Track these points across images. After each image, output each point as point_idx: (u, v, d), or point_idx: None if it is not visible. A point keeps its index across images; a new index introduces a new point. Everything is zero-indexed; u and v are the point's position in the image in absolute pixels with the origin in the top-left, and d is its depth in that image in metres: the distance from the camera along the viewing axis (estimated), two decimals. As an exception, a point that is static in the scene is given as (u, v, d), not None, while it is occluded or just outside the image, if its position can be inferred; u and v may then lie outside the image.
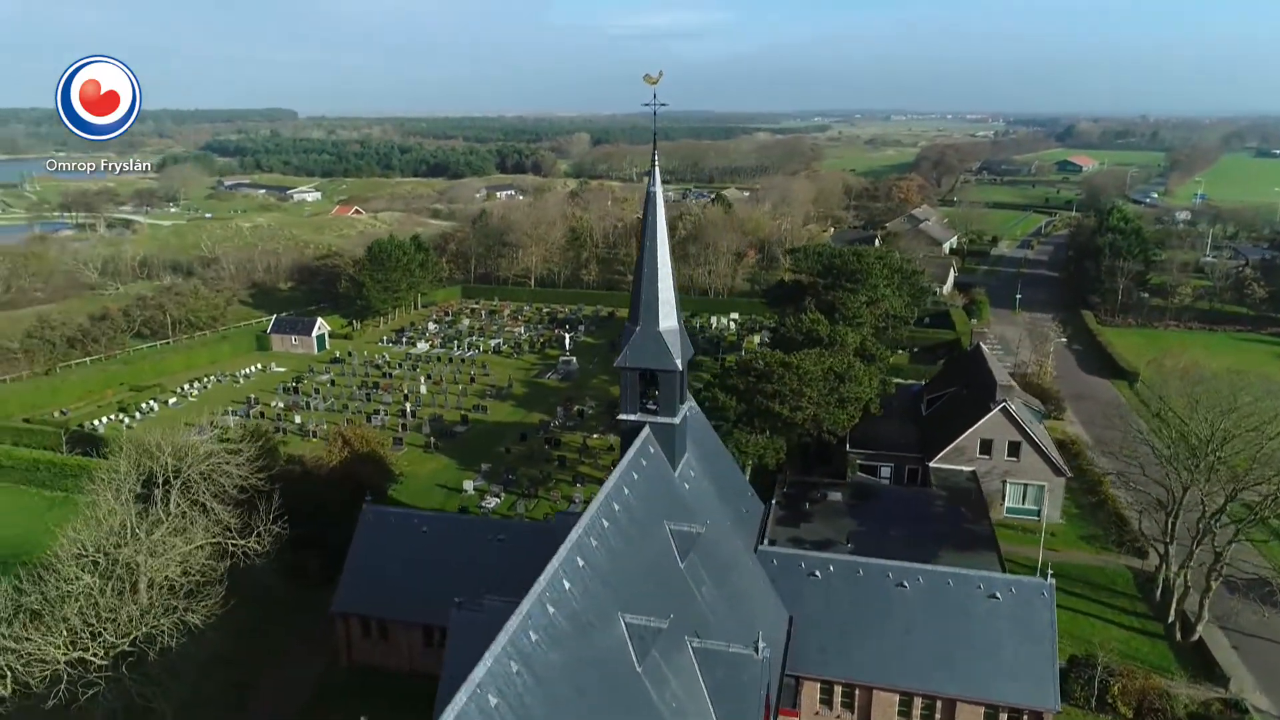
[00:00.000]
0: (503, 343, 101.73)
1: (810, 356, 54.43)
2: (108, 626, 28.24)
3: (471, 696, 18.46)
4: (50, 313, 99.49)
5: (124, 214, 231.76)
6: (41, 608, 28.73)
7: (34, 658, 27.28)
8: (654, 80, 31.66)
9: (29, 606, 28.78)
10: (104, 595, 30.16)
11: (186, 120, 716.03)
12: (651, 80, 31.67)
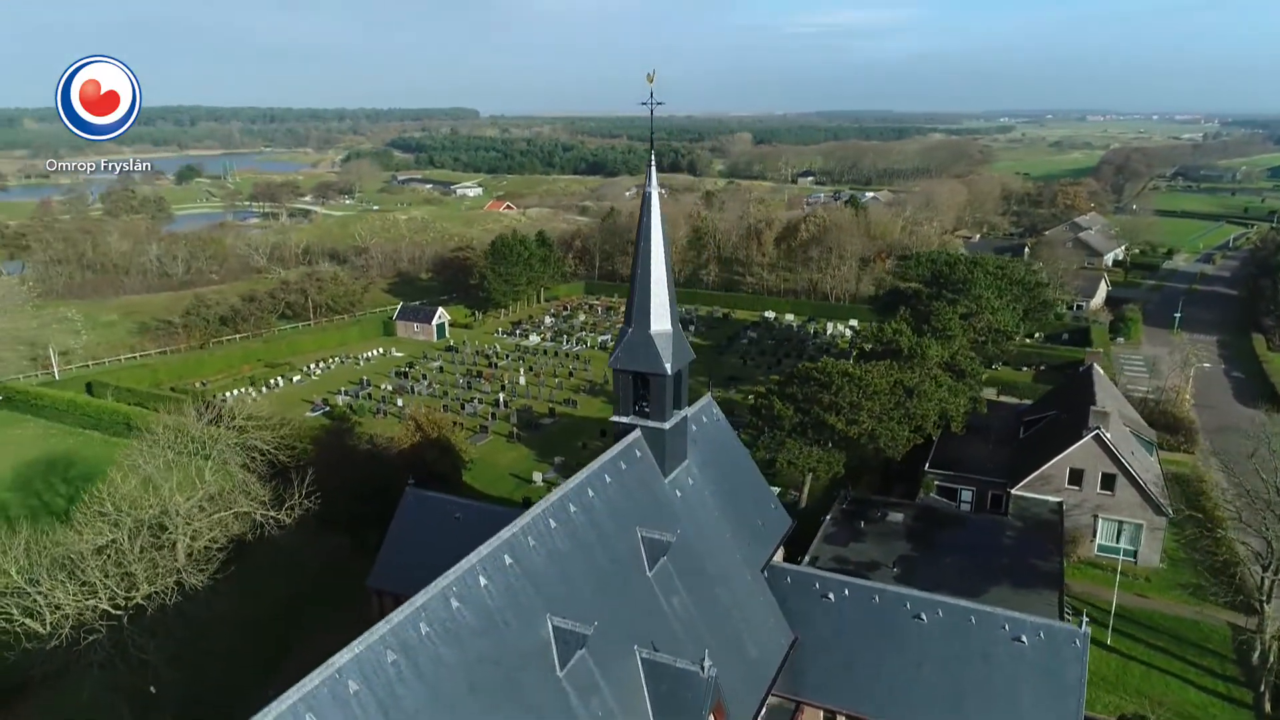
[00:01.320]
0: (610, 339, 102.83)
1: (877, 369, 51.81)
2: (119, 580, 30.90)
3: (326, 680, 18.85)
4: (207, 293, 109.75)
5: (304, 205, 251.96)
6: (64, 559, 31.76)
7: (49, 603, 30.27)
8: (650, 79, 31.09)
9: (55, 556, 31.92)
10: (130, 551, 32.93)
11: (380, 118, 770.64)
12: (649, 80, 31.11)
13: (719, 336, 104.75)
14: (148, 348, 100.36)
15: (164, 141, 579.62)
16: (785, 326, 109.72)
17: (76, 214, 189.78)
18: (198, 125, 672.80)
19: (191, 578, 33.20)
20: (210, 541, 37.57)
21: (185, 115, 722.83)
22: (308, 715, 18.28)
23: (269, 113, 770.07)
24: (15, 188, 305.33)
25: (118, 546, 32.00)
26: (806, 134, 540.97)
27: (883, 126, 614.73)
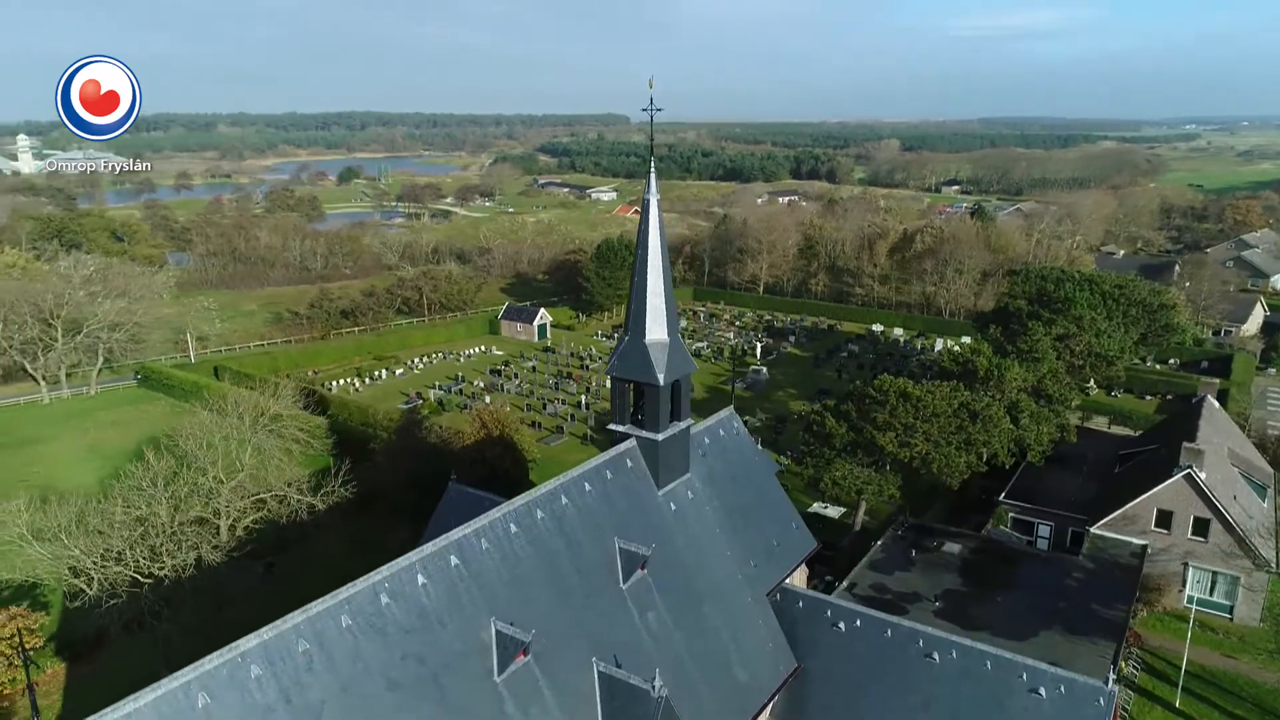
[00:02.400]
0: (706, 346, 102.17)
1: (940, 389, 48.98)
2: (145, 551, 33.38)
3: (227, 662, 19.63)
4: (332, 288, 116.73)
5: (445, 206, 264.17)
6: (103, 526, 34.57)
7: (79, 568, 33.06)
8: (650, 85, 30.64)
9: (92, 525, 34.78)
10: (168, 525, 35.49)
11: (534, 124, 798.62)
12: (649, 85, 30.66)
13: (819, 348, 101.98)
14: (276, 337, 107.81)
15: (335, 145, 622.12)
16: (891, 341, 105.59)
17: (241, 211, 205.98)
18: (366, 130, 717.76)
19: (211, 554, 35.42)
20: (252, 522, 39.83)
21: (356, 120, 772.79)
22: (201, 694, 19.09)
23: (431, 118, 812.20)
24: (200, 186, 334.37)
25: (151, 521, 34.52)
26: (961, 141, 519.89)
27: (1047, 134, 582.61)
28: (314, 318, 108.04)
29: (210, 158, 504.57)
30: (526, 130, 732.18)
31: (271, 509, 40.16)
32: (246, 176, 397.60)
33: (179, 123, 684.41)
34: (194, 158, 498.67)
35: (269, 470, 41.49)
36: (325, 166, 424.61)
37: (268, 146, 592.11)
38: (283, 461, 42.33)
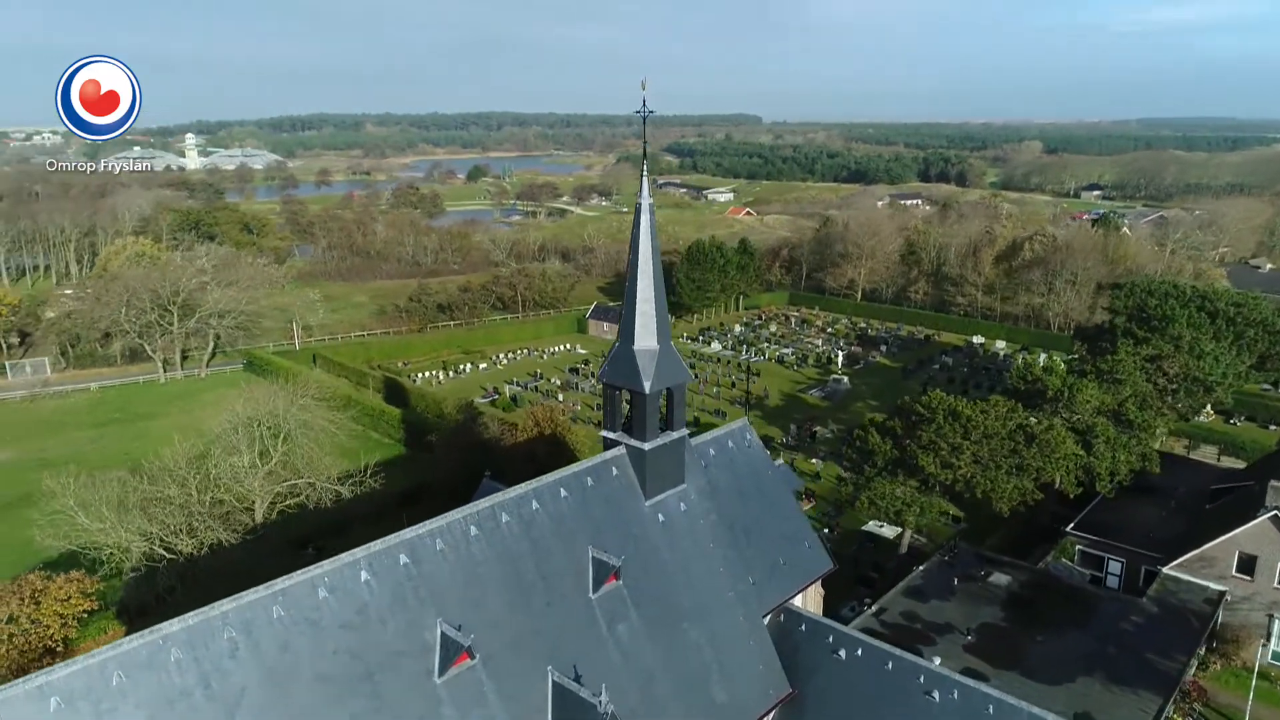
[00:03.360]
0: (791, 352, 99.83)
1: (995, 408, 45.98)
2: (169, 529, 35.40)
3: (147, 644, 20.41)
4: (431, 283, 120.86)
5: (562, 205, 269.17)
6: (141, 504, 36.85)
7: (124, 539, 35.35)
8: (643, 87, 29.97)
9: (132, 501, 37.13)
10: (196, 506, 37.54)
11: (664, 124, 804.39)
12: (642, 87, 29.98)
13: (910, 359, 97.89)
14: (376, 328, 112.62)
15: (471, 144, 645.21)
16: (990, 354, 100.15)
17: (365, 207, 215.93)
18: (502, 130, 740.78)
19: (229, 535, 37.21)
20: (286, 506, 41.58)
21: (494, 120, 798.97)
22: (116, 672, 19.93)
23: (565, 118, 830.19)
24: (339, 182, 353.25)
25: (177, 501, 36.60)
26: (1111, 143, 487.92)
27: (1214, 135, 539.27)
28: (412, 311, 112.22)
29: (355, 155, 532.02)
30: (656, 131, 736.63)
31: (305, 495, 41.79)
32: (384, 174, 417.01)
33: (331, 122, 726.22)
34: (340, 155, 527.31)
35: (298, 458, 43.25)
36: (457, 165, 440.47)
37: (408, 145, 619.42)
38: (313, 451, 44.05)
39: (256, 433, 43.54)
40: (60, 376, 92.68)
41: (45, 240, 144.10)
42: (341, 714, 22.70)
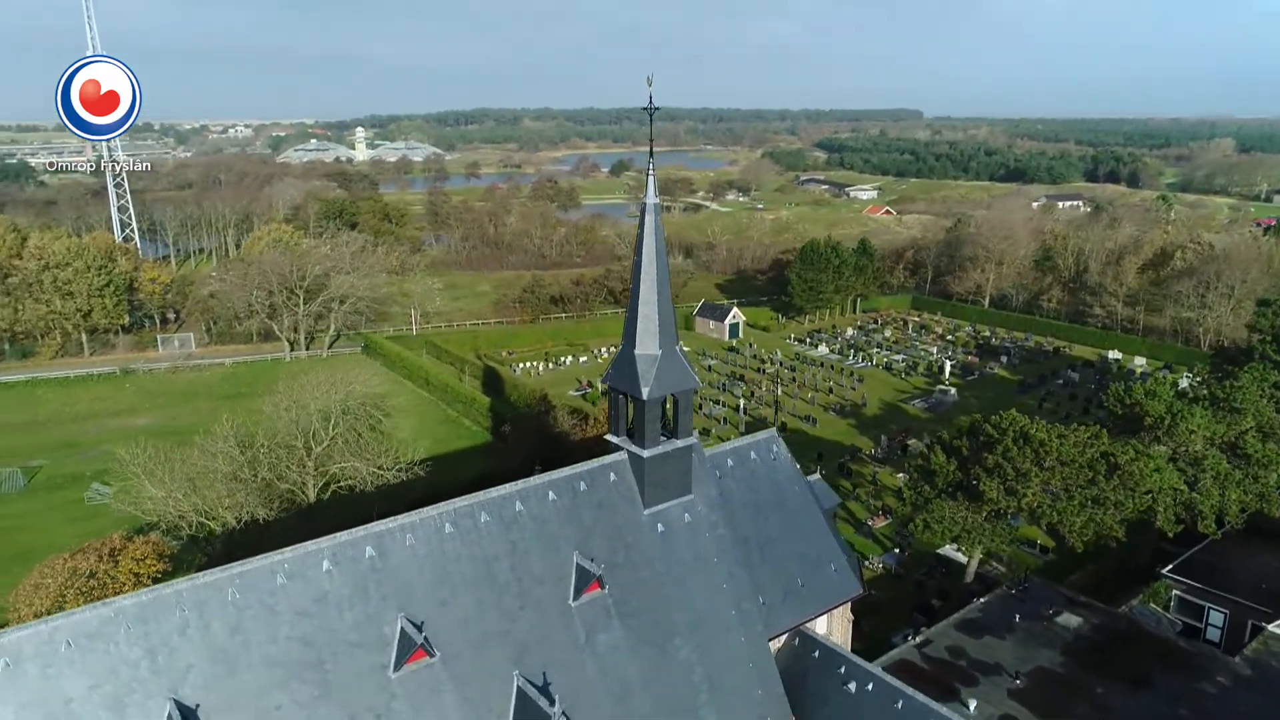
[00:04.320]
0: (902, 359, 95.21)
1: (1075, 434, 41.98)
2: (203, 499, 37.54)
3: (99, 616, 21.49)
4: (545, 275, 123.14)
5: (697, 200, 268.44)
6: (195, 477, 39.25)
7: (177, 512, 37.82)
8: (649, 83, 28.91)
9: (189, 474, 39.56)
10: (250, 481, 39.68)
11: (819, 119, 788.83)
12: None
13: (1032, 372, 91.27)
14: (491, 317, 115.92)
15: (622, 139, 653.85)
16: (1126, 371, 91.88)
17: (503, 199, 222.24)
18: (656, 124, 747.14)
19: (263, 511, 39.02)
20: (338, 489, 43.30)
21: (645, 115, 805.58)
22: (66, 639, 21.10)
23: (717, 113, 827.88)
24: (489, 174, 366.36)
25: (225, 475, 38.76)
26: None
27: None
28: (525, 302, 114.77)
29: (509, 149, 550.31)
30: (810, 126, 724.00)
31: (354, 480, 43.36)
32: (533, 167, 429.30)
33: (492, 117, 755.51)
34: (496, 149, 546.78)
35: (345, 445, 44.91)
36: (603, 159, 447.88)
37: (560, 139, 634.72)
38: (363, 438, 45.63)
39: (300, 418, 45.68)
40: (203, 351, 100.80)
41: (209, 225, 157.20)
42: (286, 699, 23.17)
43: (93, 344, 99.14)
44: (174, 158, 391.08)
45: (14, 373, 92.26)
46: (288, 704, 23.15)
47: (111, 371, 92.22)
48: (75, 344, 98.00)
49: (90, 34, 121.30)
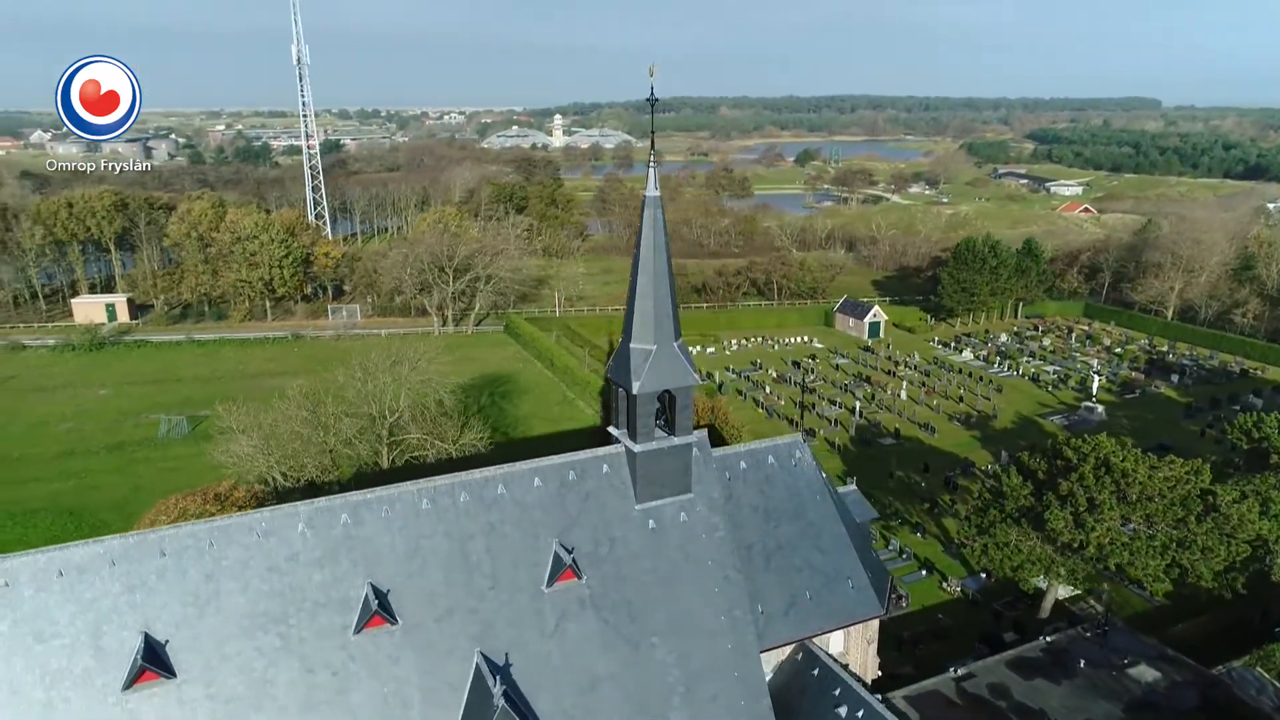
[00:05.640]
0: (1054, 371, 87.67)
1: (1170, 466, 37.42)
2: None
3: (90, 553, 24.29)
4: (688, 264, 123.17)
5: (876, 191, 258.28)
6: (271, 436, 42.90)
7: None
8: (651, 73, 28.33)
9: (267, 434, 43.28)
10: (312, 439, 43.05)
11: (1037, 108, 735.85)
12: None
13: (1204, 395, 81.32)
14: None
15: (818, 128, 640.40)
16: (1326, 401, 79.87)
17: (675, 187, 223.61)
18: (855, 113, 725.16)
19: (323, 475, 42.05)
20: (413, 458, 46.04)
21: (847, 104, 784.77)
22: (59, 568, 24.01)
23: (924, 101, 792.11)
24: (671, 162, 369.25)
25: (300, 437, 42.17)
26: None
27: None
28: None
29: (701, 137, 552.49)
30: (1025, 116, 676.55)
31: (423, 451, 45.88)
32: (719, 155, 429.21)
33: (689, 105, 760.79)
34: (688, 137, 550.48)
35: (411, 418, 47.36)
36: (792, 148, 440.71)
37: (754, 128, 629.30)
38: (430, 412, 47.91)
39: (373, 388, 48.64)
40: (366, 322, 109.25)
41: (393, 206, 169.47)
42: (248, 646, 25.16)
43: (275, 310, 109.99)
44: (390, 142, 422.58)
45: (207, 332, 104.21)
46: (249, 651, 25.13)
47: (284, 336, 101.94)
48: (260, 309, 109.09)
49: (295, 28, 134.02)
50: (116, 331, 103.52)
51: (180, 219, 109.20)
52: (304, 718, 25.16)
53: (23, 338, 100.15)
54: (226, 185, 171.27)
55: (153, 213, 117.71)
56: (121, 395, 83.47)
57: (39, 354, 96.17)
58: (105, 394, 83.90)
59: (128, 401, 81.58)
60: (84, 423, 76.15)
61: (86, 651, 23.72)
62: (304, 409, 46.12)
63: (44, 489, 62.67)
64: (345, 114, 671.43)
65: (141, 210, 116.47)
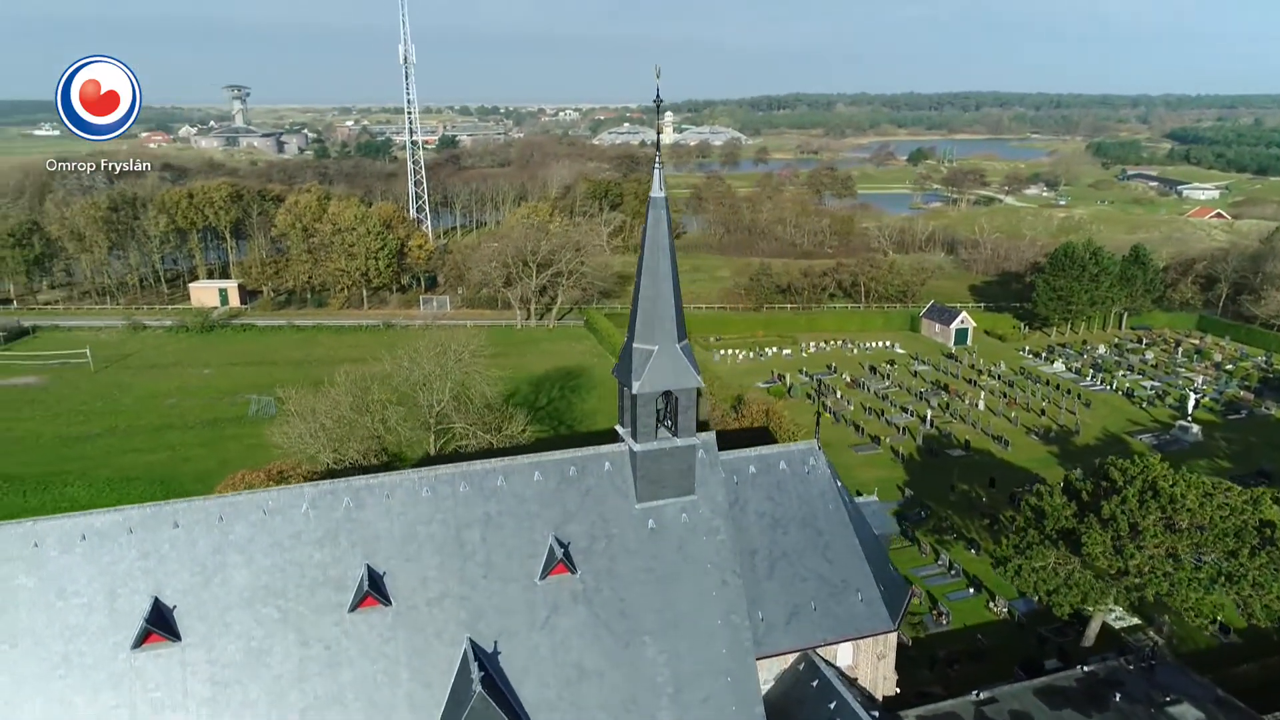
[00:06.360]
0: (1153, 387, 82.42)
1: (1220, 494, 34.96)
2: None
3: (111, 520, 26.36)
4: (774, 263, 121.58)
5: (987, 193, 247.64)
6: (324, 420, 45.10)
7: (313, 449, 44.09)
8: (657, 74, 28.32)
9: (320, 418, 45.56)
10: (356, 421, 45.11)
11: (1181, 105, 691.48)
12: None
13: (1322, 420, 74.97)
14: (716, 302, 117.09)
15: (938, 126, 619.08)
16: None
17: (779, 185, 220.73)
18: (979, 110, 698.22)
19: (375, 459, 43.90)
20: (459, 446, 47.64)
21: (971, 101, 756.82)
22: (83, 533, 26.11)
23: (1055, 98, 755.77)
24: (778, 160, 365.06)
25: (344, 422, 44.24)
26: None
27: None
28: (750, 289, 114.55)
29: (815, 134, 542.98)
30: (1166, 114, 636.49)
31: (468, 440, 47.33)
32: (830, 153, 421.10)
33: (805, 102, 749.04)
34: (800, 134, 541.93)
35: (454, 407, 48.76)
36: (906, 147, 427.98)
37: (870, 126, 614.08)
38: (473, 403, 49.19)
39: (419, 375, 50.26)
40: (454, 313, 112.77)
41: (492, 201, 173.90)
42: (248, 616, 26.75)
43: (371, 300, 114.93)
44: (505, 138, 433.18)
45: (307, 319, 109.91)
46: (249, 621, 26.71)
47: (376, 325, 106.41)
48: (357, 298, 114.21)
49: (403, 29, 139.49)
50: (226, 315, 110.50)
51: (287, 210, 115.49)
52: (297, 687, 26.55)
53: (144, 318, 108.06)
54: (344, 179, 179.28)
55: (264, 204, 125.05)
56: (222, 375, 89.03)
57: (156, 334, 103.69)
58: (208, 373, 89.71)
59: (227, 381, 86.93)
60: (185, 399, 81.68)
61: (102, 611, 25.72)
62: (350, 394, 48.32)
63: (142, 459, 67.67)
64: (466, 110, 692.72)
65: (254, 201, 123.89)
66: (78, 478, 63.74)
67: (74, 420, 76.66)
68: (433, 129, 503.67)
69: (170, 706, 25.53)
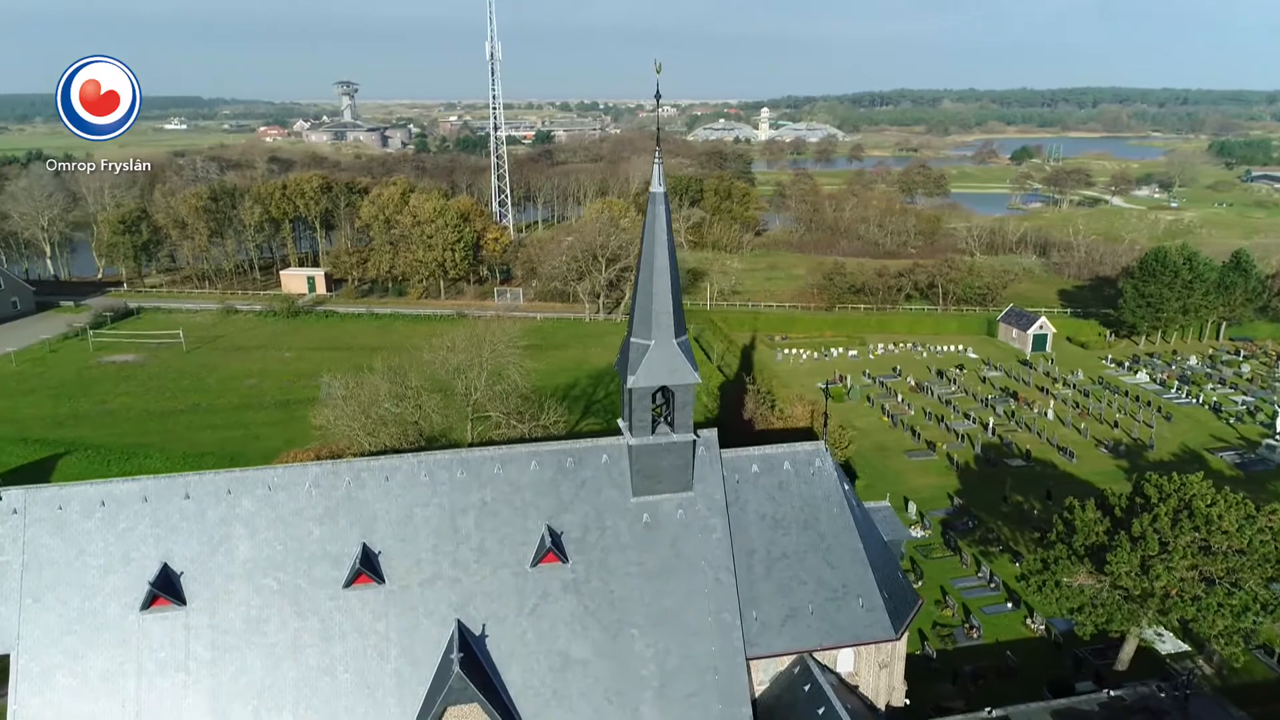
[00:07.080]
0: (1243, 403, 77.32)
1: (1264, 517, 32.80)
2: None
3: (127, 490, 28.20)
4: (847, 262, 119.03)
5: (1093, 193, 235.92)
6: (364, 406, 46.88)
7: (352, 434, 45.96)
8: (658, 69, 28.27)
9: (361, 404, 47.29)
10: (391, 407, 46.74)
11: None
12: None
13: None
14: (789, 300, 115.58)
15: (1050, 123, 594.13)
16: None
17: (869, 183, 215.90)
18: (1098, 107, 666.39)
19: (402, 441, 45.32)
20: (494, 435, 48.83)
21: (1089, 97, 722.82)
22: (102, 499, 28.02)
23: (1182, 94, 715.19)
24: (873, 157, 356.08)
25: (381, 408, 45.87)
26: None
27: None
28: (823, 289, 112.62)
29: (918, 131, 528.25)
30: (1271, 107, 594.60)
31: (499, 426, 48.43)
32: (931, 151, 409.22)
33: (909, 98, 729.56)
34: (903, 131, 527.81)
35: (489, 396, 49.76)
36: (1011, 145, 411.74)
37: (976, 123, 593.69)
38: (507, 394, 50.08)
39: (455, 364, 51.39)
40: (526, 305, 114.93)
41: (573, 195, 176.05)
42: (248, 587, 28.21)
43: (449, 291, 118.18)
44: (600, 133, 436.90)
45: (385, 307, 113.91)
46: (248, 591, 28.18)
47: (450, 314, 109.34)
48: (435, 289, 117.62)
49: (490, 26, 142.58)
50: (311, 302, 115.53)
51: (371, 202, 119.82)
52: (291, 657, 27.86)
53: (236, 303, 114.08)
54: (438, 173, 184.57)
55: (351, 196, 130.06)
56: (301, 359, 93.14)
57: (246, 318, 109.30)
58: (288, 356, 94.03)
59: (305, 364, 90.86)
60: (265, 380, 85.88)
61: (117, 572, 27.55)
62: (387, 381, 50.02)
63: (217, 435, 71.54)
64: (566, 106, 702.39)
65: (341, 193, 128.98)
66: (158, 450, 67.86)
67: (162, 396, 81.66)
68: (531, 124, 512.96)
69: (173, 666, 27.17)
